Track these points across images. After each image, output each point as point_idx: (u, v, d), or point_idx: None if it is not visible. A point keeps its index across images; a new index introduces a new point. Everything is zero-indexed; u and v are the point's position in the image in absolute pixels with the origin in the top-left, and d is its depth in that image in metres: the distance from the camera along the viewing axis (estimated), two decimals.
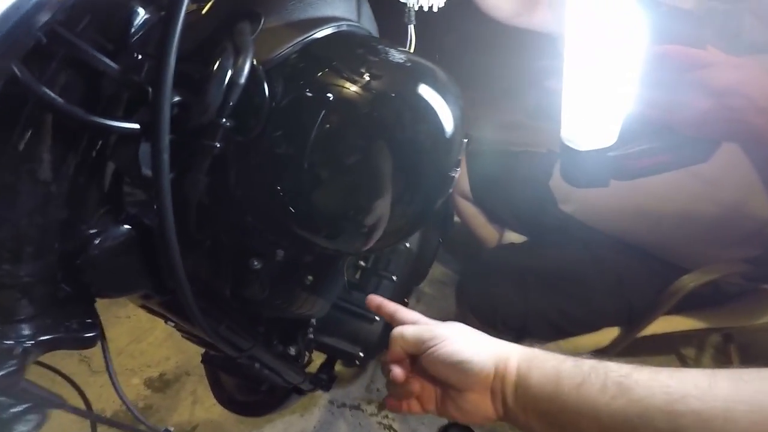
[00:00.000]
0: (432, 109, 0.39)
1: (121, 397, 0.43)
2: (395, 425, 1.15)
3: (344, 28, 0.43)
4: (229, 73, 0.33)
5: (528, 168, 1.01)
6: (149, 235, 0.36)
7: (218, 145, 0.34)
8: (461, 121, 0.42)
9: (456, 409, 0.41)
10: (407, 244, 0.89)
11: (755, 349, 1.22)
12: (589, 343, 0.86)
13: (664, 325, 0.84)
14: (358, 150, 0.37)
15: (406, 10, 0.49)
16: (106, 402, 1.22)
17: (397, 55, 0.41)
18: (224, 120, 0.33)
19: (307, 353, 0.83)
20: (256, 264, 0.43)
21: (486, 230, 1.08)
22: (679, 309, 0.81)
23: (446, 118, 0.40)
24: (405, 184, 0.40)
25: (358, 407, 1.19)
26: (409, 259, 0.90)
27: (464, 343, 0.40)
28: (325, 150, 0.37)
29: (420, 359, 0.42)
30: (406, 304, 1.01)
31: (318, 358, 0.87)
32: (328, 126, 0.36)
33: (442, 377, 0.41)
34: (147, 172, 0.30)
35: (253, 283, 0.45)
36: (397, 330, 0.44)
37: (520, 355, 0.39)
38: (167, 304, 0.44)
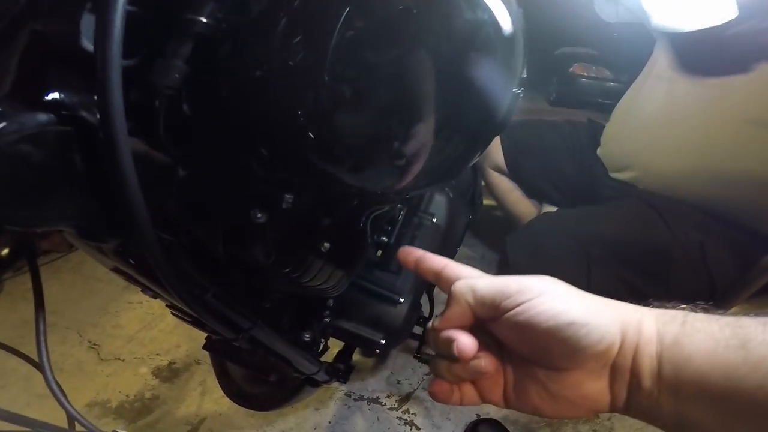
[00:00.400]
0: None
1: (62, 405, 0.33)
2: (417, 420, 1.05)
3: None
4: None
5: (571, 138, 0.91)
6: (88, 137, 0.25)
7: (204, 21, 0.23)
8: (522, 22, 0.31)
9: (544, 397, 0.29)
10: (434, 219, 0.79)
11: None
12: None
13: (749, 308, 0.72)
14: (393, 53, 0.27)
15: None
16: (111, 392, 1.16)
17: None
18: None
19: (322, 340, 0.74)
20: (259, 216, 0.33)
21: (523, 205, 0.97)
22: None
23: (502, 10, 0.29)
24: (452, 99, 0.29)
25: (376, 401, 1.10)
26: (437, 236, 0.79)
27: (571, 300, 0.28)
28: (352, 53, 0.26)
29: (496, 325, 0.30)
30: (431, 291, 0.91)
31: (334, 346, 0.78)
32: (354, 22, 0.26)
33: (535, 348, 0.28)
34: (87, 44, 0.21)
35: (254, 242, 0.35)
36: (463, 283, 0.31)
37: (657, 318, 0.27)
38: (123, 253, 0.33)
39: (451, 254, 0.85)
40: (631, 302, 0.29)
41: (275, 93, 0.27)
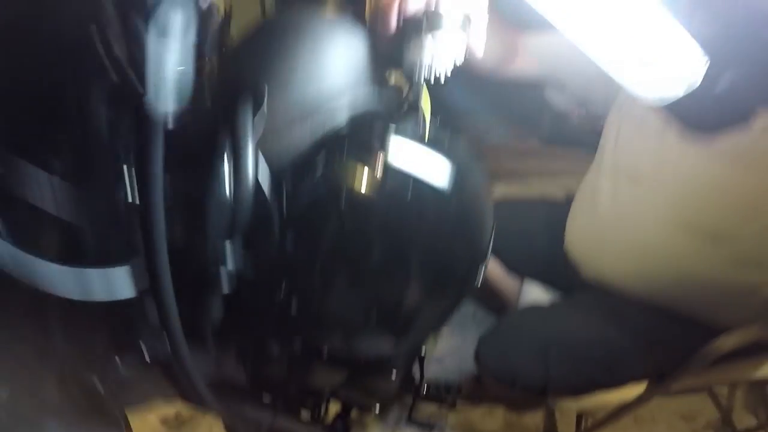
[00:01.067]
0: (453, 200, 0.39)
1: None
2: None
3: (359, 102, 0.42)
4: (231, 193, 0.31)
5: (546, 220, 0.99)
6: None
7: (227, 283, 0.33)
8: (484, 206, 0.41)
9: None
10: None
11: None
12: (614, 399, 0.84)
13: (695, 380, 0.81)
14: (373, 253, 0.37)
15: (415, 77, 0.45)
16: None
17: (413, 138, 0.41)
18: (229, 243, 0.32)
19: (323, 407, 0.82)
20: (275, 349, 0.43)
21: (505, 283, 1.06)
22: (714, 362, 0.77)
23: (469, 206, 0.40)
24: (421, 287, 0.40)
25: None
26: None
27: None
28: (341, 256, 0.37)
29: None
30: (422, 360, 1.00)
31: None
32: (342, 228, 0.36)
33: None
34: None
35: (270, 366, 0.45)
36: None
37: None
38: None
39: None
40: (583, 386, 0.37)
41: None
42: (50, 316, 0.30)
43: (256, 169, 0.31)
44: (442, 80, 0.45)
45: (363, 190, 0.35)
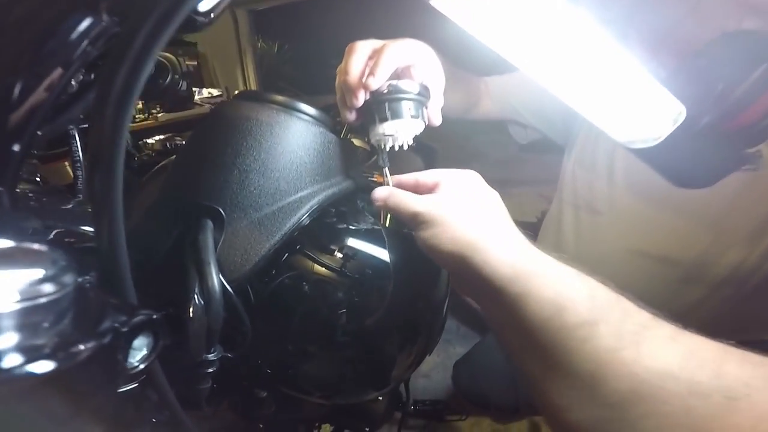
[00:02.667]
0: (410, 284, 0.43)
1: None
2: None
3: (317, 205, 0.42)
4: (203, 317, 0.33)
5: None
6: None
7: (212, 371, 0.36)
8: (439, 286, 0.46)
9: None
10: None
11: None
12: None
13: None
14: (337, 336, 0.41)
15: (379, 152, 0.47)
16: None
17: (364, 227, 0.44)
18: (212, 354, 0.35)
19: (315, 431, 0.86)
20: (263, 394, 0.47)
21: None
22: None
23: (427, 290, 0.44)
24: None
25: None
26: None
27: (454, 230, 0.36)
28: (307, 336, 0.41)
29: None
30: (407, 381, 1.05)
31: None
32: (306, 317, 0.40)
33: None
34: None
35: (260, 407, 0.49)
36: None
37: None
38: None
39: None
40: None
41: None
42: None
43: (220, 282, 0.34)
44: (405, 148, 0.47)
45: (323, 276, 0.40)
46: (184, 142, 0.91)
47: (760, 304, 0.76)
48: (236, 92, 0.49)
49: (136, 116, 1.91)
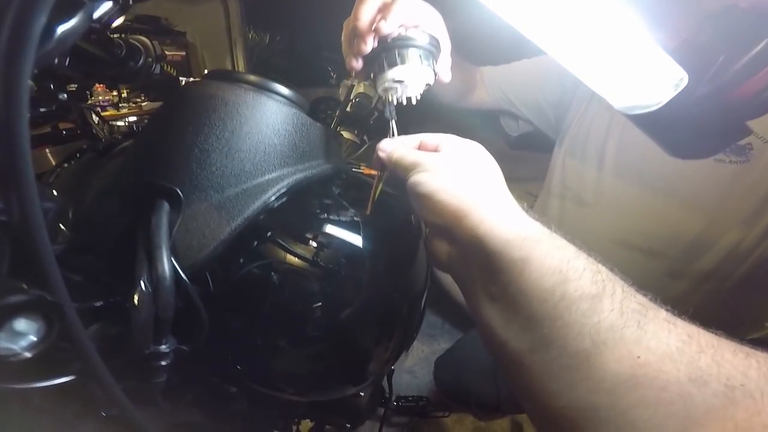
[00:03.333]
0: (386, 275, 0.41)
1: None
2: None
3: (285, 189, 0.40)
4: (151, 306, 0.30)
5: None
6: None
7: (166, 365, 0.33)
8: (421, 274, 0.44)
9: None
10: None
11: None
12: None
13: None
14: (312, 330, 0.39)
15: (387, 104, 0.46)
16: None
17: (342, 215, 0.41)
18: (164, 345, 0.32)
19: (294, 428, 0.84)
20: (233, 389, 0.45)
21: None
22: None
23: (404, 282, 0.42)
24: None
25: None
26: None
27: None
28: (277, 330, 0.38)
29: None
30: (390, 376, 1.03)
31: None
32: (276, 309, 0.37)
33: None
34: None
35: (230, 403, 0.46)
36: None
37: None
38: None
39: None
40: None
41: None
42: None
43: (172, 268, 0.31)
44: (413, 102, 0.46)
45: (294, 265, 0.37)
46: None
47: (742, 302, 0.76)
48: (205, 71, 0.46)
49: (120, 104, 1.87)
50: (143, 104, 1.99)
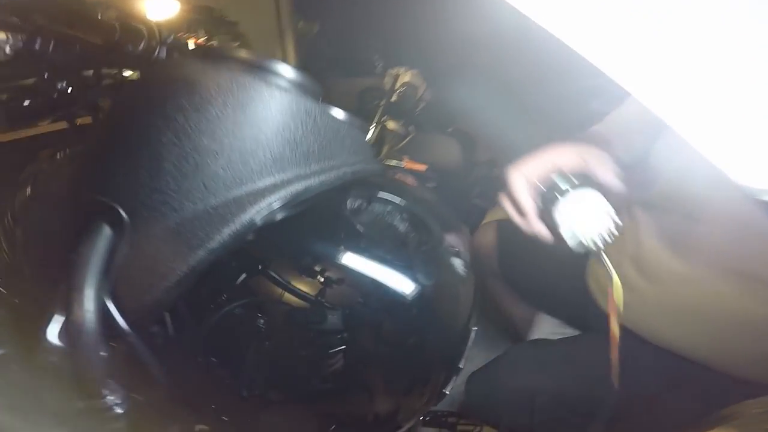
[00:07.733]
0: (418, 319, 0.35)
1: None
2: None
3: (278, 204, 0.29)
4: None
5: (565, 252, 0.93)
6: None
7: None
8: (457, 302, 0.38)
9: None
10: None
11: None
12: None
13: None
14: None
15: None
16: None
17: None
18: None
19: None
20: None
21: (518, 310, 1.01)
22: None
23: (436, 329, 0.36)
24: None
25: None
26: None
27: None
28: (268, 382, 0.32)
29: None
30: None
31: None
32: (265, 357, 0.30)
33: None
34: None
35: None
36: None
37: None
38: None
39: None
40: None
41: None
42: None
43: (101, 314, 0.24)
44: (608, 239, 0.47)
45: (293, 305, 0.31)
46: None
47: None
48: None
49: None
50: None
